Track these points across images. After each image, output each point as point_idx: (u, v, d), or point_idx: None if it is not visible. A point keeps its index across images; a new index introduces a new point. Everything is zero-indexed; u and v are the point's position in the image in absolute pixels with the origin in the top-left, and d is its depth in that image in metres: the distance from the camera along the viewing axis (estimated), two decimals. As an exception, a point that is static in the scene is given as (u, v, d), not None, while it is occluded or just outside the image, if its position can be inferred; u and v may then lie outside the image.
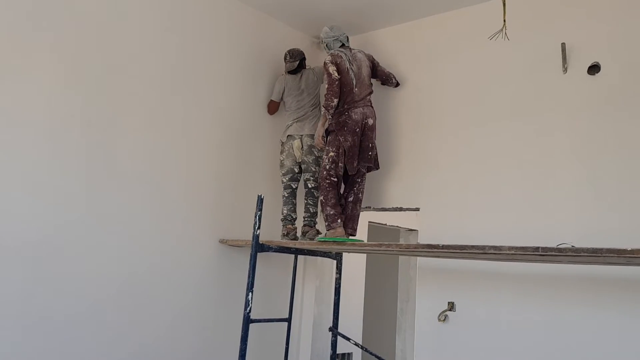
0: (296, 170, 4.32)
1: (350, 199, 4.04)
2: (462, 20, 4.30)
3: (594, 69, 3.65)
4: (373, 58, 4.28)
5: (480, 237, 3.69)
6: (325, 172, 3.94)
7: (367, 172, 4.16)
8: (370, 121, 4.01)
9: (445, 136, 4.23)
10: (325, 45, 4.17)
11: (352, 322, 5.37)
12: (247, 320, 3.53)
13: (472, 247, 2.98)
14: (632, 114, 3.46)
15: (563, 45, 3.69)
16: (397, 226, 6.10)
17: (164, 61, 3.90)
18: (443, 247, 3.08)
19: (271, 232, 4.39)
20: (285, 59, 4.50)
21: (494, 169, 3.94)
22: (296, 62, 4.44)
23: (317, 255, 4.18)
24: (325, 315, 4.77)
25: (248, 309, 3.53)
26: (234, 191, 4.26)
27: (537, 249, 2.78)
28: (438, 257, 3.61)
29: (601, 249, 2.60)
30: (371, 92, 4.13)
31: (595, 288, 3.36)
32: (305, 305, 4.76)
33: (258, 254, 3.70)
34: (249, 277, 3.58)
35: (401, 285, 6.39)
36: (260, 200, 3.65)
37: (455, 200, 4.07)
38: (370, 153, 3.98)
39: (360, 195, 4.08)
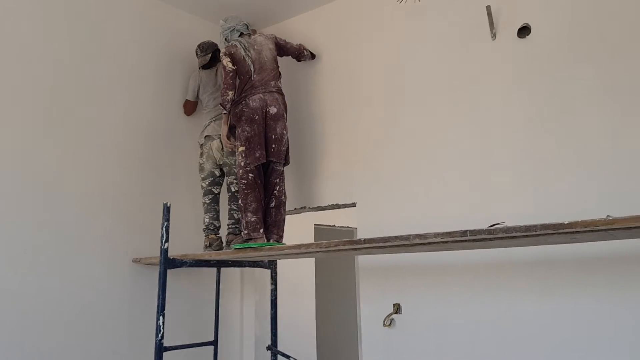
0: (217, 173, 3.89)
1: (272, 204, 3.62)
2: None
3: (523, 31, 3.30)
4: (276, 37, 3.88)
5: (423, 228, 3.30)
6: (241, 171, 3.52)
7: (283, 167, 3.74)
8: (273, 109, 3.59)
9: (374, 120, 3.85)
10: (224, 39, 3.77)
11: (303, 337, 4.92)
12: (160, 349, 3.08)
13: (396, 238, 2.58)
14: (571, 75, 3.10)
15: (488, 8, 3.33)
16: (348, 226, 5.69)
17: (57, 56, 3.44)
18: (365, 241, 2.68)
19: (196, 244, 3.95)
20: (197, 54, 4.10)
21: (429, 152, 3.56)
22: (208, 55, 4.03)
23: (244, 266, 3.75)
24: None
25: (160, 335, 3.08)
26: (150, 203, 3.80)
27: (465, 232, 2.39)
28: (367, 253, 3.20)
29: (535, 226, 2.22)
30: (277, 77, 3.73)
31: (547, 273, 2.99)
32: (246, 324, 4.31)
33: (172, 270, 3.26)
34: (158, 298, 3.13)
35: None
36: (166, 209, 3.21)
37: (392, 191, 3.68)
38: (274, 146, 3.56)
39: (282, 197, 3.66)
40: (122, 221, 3.64)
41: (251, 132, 3.51)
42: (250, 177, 3.50)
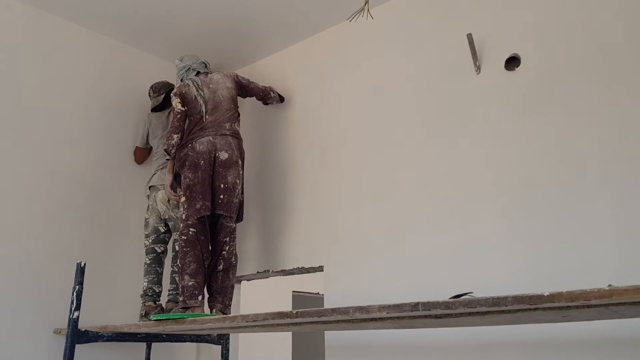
0: (162, 229, 3.36)
1: (220, 267, 3.05)
2: (355, 30, 3.47)
3: (512, 62, 2.78)
4: (238, 76, 3.41)
5: (396, 295, 2.69)
6: (181, 226, 2.99)
7: (235, 224, 3.19)
8: (224, 154, 3.08)
9: (346, 169, 3.31)
10: (180, 79, 3.32)
11: None
12: None
13: (333, 311, 1.98)
14: (567, 110, 2.54)
15: (469, 37, 2.82)
16: (318, 293, 5.04)
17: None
18: (297, 314, 2.08)
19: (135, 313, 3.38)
20: (149, 95, 3.67)
21: (406, 204, 2.99)
22: (161, 96, 3.60)
23: (184, 341, 3.14)
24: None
25: None
26: (90, 265, 3.25)
27: (416, 305, 1.79)
28: (311, 329, 2.59)
29: (505, 298, 1.61)
30: (234, 118, 3.24)
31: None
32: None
33: (86, 345, 2.68)
34: (61, 381, 2.54)
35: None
36: (79, 270, 2.67)
37: (363, 251, 3.09)
38: (222, 197, 3.02)
39: (232, 259, 3.09)
40: (50, 285, 3.09)
41: (194, 180, 3.00)
42: (191, 233, 2.96)
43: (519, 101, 2.72)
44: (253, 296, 4.01)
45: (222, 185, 3.04)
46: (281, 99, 3.67)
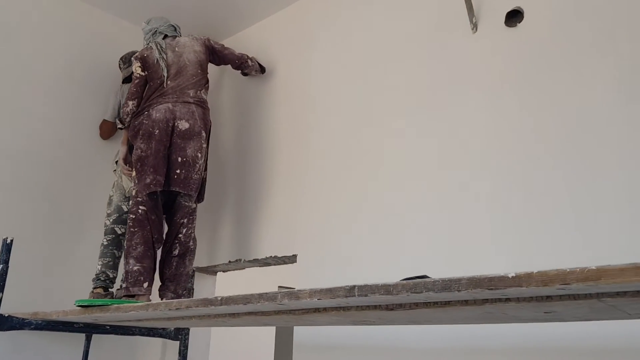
0: (125, 208, 3.01)
1: (175, 251, 2.69)
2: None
3: (514, 16, 2.35)
4: (210, 40, 3.05)
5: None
6: (131, 203, 2.64)
7: (196, 203, 2.82)
8: (184, 124, 2.71)
9: (328, 146, 2.90)
10: (147, 44, 2.97)
11: None
12: None
13: (260, 296, 1.59)
14: (575, 70, 2.10)
15: (465, -11, 2.40)
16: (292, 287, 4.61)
17: None
18: (222, 300, 1.69)
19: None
20: (119, 67, 3.34)
21: (388, 185, 2.58)
22: (132, 67, 3.24)
23: (133, 334, 2.77)
24: None
25: None
26: (45, 248, 2.94)
27: (352, 289, 1.38)
28: (240, 324, 2.19)
29: (459, 280, 1.20)
30: (201, 85, 2.87)
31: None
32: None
33: (16, 333, 2.33)
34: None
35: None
36: (5, 247, 2.34)
37: (341, 238, 2.68)
38: (179, 171, 2.65)
39: (190, 244, 2.73)
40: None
41: (146, 151, 2.65)
42: (140, 211, 2.60)
43: (522, 62, 2.28)
44: (231, 291, 3.63)
45: (179, 159, 2.67)
46: (262, 69, 3.29)
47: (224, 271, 3.49)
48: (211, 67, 3.53)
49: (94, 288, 2.84)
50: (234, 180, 3.34)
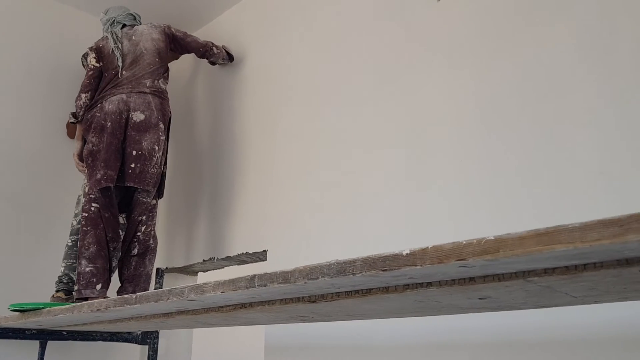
0: (91, 209, 2.87)
1: (134, 251, 2.54)
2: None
3: (477, -21, 2.14)
4: (170, 27, 2.89)
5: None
6: (83, 200, 2.50)
7: (156, 199, 2.67)
8: (139, 116, 2.56)
9: (295, 135, 2.73)
10: (104, 34, 2.84)
11: None
12: None
13: (169, 292, 1.42)
14: (549, 31, 1.88)
15: (424, -49, 2.20)
16: None
17: None
18: (137, 299, 1.53)
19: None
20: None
21: (356, 168, 2.39)
22: (90, 60, 3.11)
23: (94, 340, 2.62)
24: None
25: None
26: (7, 250, 2.83)
27: (252, 279, 1.20)
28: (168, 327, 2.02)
29: (353, 262, 1.01)
30: (158, 75, 2.72)
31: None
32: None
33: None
34: None
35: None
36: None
37: (309, 229, 2.50)
38: (134, 166, 2.50)
39: (150, 242, 2.58)
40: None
41: (98, 145, 2.51)
42: (92, 209, 2.46)
43: (489, 28, 2.07)
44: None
45: (134, 152, 2.52)
46: (230, 57, 3.13)
47: (203, 271, 3.34)
48: (186, 58, 3.40)
49: (56, 291, 2.71)
50: (205, 174, 3.19)
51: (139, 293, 1.53)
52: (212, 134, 3.24)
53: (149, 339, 2.80)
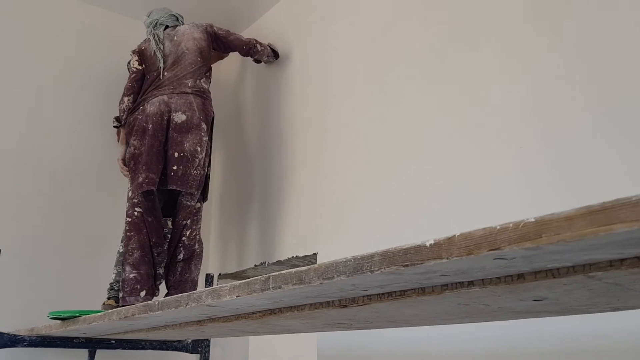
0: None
1: (180, 256, 2.46)
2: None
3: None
4: (212, 26, 2.81)
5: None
6: (127, 205, 2.45)
7: (200, 203, 2.58)
8: (180, 116, 2.48)
9: (344, 133, 2.58)
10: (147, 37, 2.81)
11: None
12: None
13: (188, 298, 1.31)
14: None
15: None
16: None
17: None
18: (159, 305, 1.43)
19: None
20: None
21: (405, 162, 2.21)
22: (138, 65, 3.08)
23: (144, 348, 2.56)
24: None
25: None
26: (62, 259, 2.84)
27: (266, 281, 1.08)
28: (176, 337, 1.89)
29: (371, 257, 0.86)
30: (200, 74, 2.65)
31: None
32: None
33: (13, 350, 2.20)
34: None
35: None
36: (-8, 260, 2.20)
37: (362, 232, 2.35)
38: (176, 168, 2.42)
39: (195, 247, 2.50)
40: (5, 281, 2.65)
41: (140, 148, 2.46)
42: (136, 214, 2.40)
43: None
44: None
45: (176, 154, 2.45)
46: (275, 54, 3.02)
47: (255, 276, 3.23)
48: (234, 59, 3.33)
49: (107, 299, 2.67)
50: (255, 176, 3.10)
51: (161, 299, 1.42)
52: (261, 135, 3.14)
53: (200, 347, 2.71)
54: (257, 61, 3.06)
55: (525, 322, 1.45)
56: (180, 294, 1.33)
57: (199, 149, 2.50)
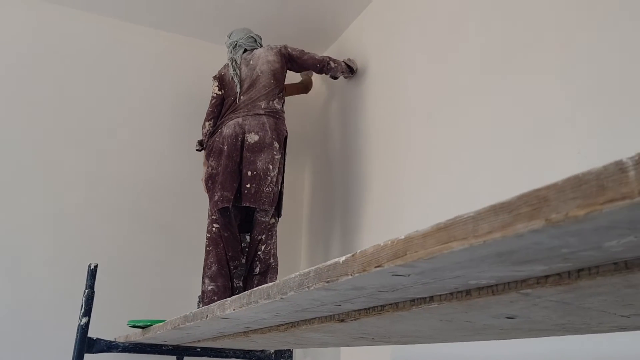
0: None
1: (257, 269, 2.58)
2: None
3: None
4: (286, 47, 2.92)
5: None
6: (208, 222, 2.62)
7: (275, 218, 2.68)
8: (253, 137, 2.61)
9: (414, 144, 2.57)
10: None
11: None
12: None
13: (204, 311, 1.40)
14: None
15: None
16: None
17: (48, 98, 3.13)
18: (192, 317, 1.54)
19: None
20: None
21: (478, 177, 2.17)
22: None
23: (228, 357, 2.70)
24: None
25: None
26: (160, 272, 3.12)
27: (250, 294, 1.13)
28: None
29: (308, 274, 0.90)
30: (274, 95, 2.77)
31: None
32: None
33: (92, 356, 2.45)
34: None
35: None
36: (90, 273, 2.47)
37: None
38: (249, 186, 2.54)
39: (271, 261, 2.60)
40: (104, 292, 2.96)
41: (216, 168, 2.63)
42: (214, 230, 2.57)
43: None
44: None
45: (249, 173, 2.58)
46: (351, 70, 3.07)
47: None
48: (319, 78, 3.43)
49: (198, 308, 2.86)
50: (337, 191, 3.15)
51: (194, 310, 1.52)
52: (342, 150, 3.20)
53: (282, 357, 2.80)
54: (334, 78, 3.13)
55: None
56: (204, 307, 1.41)
57: (271, 167, 2.61)
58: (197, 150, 2.91)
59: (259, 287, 1.05)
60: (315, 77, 3.49)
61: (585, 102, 1.71)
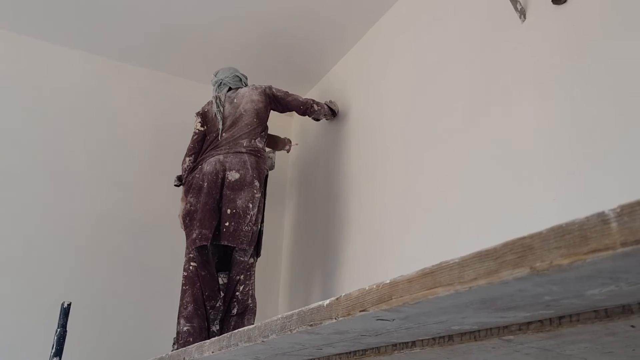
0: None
1: (234, 310, 2.54)
2: (398, 18, 2.81)
3: (561, -8, 1.89)
4: (271, 88, 2.94)
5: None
6: (184, 261, 2.59)
7: (253, 258, 2.66)
8: (234, 175, 2.60)
9: (394, 184, 2.59)
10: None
11: None
12: None
13: (181, 352, 1.37)
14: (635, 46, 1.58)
15: (501, -28, 2.01)
16: None
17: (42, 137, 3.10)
18: (170, 357, 1.50)
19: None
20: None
21: (454, 212, 2.18)
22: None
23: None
24: None
25: None
26: (136, 308, 3.06)
27: (230, 337, 1.12)
28: None
29: (291, 316, 0.89)
30: (255, 134, 2.76)
31: None
32: None
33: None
34: None
35: None
36: (63, 312, 2.40)
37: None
38: (228, 224, 2.52)
39: (249, 302, 2.56)
40: (75, 328, 2.88)
41: (195, 205, 2.61)
42: (191, 268, 2.53)
43: (571, 44, 1.80)
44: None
45: (228, 211, 2.56)
46: (332, 112, 3.11)
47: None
48: (306, 120, 3.46)
49: (172, 351, 2.80)
50: (319, 232, 3.15)
51: (170, 352, 1.49)
52: (323, 191, 3.21)
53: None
54: (316, 119, 3.16)
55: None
56: (181, 349, 1.39)
57: (250, 205, 2.60)
58: (175, 185, 2.89)
59: (240, 329, 1.04)
60: (297, 119, 3.53)
61: (560, 144, 1.75)
